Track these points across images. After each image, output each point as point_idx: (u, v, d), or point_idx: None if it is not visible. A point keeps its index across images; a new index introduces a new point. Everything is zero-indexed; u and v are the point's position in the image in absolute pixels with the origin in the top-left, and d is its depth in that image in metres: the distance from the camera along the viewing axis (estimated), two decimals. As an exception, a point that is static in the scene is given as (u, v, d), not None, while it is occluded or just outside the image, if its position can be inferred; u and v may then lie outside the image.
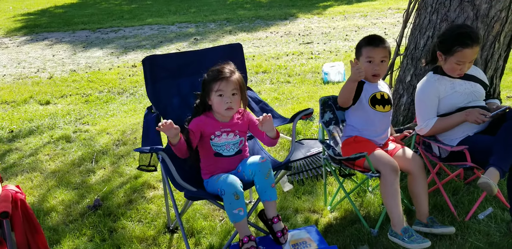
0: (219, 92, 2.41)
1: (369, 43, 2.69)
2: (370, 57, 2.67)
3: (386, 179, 2.51)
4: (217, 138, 2.49)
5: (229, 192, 2.25)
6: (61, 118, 5.08)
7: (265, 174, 2.36)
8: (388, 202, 2.52)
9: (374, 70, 2.69)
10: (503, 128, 2.51)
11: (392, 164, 2.53)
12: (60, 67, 7.69)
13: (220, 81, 2.40)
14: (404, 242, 2.42)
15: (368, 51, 2.67)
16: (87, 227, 2.91)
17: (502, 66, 3.50)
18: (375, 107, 2.73)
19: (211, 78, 2.43)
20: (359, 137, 2.77)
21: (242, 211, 2.27)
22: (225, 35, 9.60)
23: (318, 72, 6.51)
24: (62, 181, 3.55)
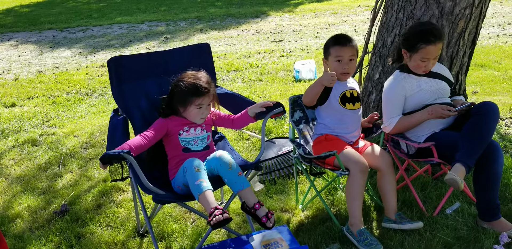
0: (199, 106, 2.50)
1: (337, 42, 2.68)
2: (339, 57, 2.67)
3: (354, 178, 2.53)
4: (185, 132, 2.53)
5: (190, 166, 2.26)
6: (27, 121, 4.95)
7: (227, 165, 2.33)
8: (350, 201, 2.57)
9: (344, 69, 2.69)
10: (468, 124, 2.55)
11: (361, 164, 2.54)
12: (26, 68, 7.49)
13: (203, 97, 2.48)
14: (358, 243, 2.50)
15: (336, 51, 2.67)
16: (54, 234, 2.84)
17: (467, 63, 3.56)
18: (345, 106, 2.74)
19: (192, 92, 2.46)
20: (330, 135, 2.78)
21: (204, 182, 2.23)
22: (196, 33, 9.52)
23: (290, 70, 6.52)
24: (28, 186, 3.45)
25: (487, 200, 2.57)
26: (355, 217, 2.56)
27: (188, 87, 2.46)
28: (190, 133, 2.54)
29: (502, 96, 4.83)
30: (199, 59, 2.79)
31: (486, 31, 8.30)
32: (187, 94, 2.46)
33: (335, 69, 2.69)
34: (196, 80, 2.48)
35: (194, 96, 2.46)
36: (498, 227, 2.57)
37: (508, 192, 2.94)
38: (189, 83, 2.47)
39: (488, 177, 2.53)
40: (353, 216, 2.56)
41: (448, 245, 2.50)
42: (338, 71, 2.69)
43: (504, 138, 3.72)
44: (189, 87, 2.46)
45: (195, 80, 2.48)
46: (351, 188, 2.54)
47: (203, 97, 2.48)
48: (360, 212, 2.56)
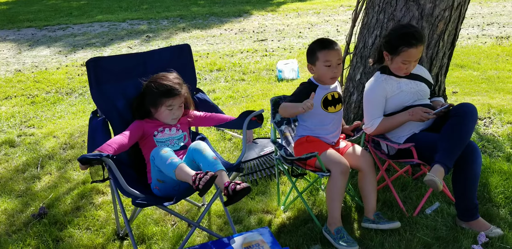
0: (170, 107, 2.50)
1: (324, 46, 2.64)
2: (328, 61, 2.63)
3: (335, 179, 2.54)
4: (160, 133, 2.54)
5: (156, 153, 2.28)
6: (5, 121, 4.86)
7: (201, 149, 2.36)
8: (330, 202, 2.59)
9: (334, 73, 2.66)
10: (447, 125, 2.57)
11: (343, 165, 2.55)
12: (4, 67, 7.36)
13: (173, 98, 2.48)
14: (334, 241, 2.53)
15: (325, 55, 2.62)
16: (32, 237, 2.78)
17: (447, 64, 3.60)
18: (327, 109, 2.74)
19: (162, 93, 2.46)
20: (311, 136, 2.78)
21: (175, 158, 2.25)
22: (179, 32, 9.46)
23: (273, 70, 6.52)
24: (5, 189, 3.38)
25: (465, 200, 2.60)
26: (334, 217, 2.58)
27: (158, 88, 2.46)
28: (165, 134, 2.55)
29: (481, 96, 4.90)
30: (179, 60, 2.76)
31: (465, 31, 8.41)
32: (157, 95, 2.46)
33: (324, 74, 2.67)
34: (166, 81, 2.48)
35: (164, 97, 2.46)
36: (476, 227, 2.60)
37: (487, 192, 2.98)
38: (159, 84, 2.47)
39: (467, 178, 2.56)
40: (332, 216, 2.59)
41: (428, 245, 2.53)
42: (327, 76, 2.67)
43: (483, 138, 3.77)
44: (159, 88, 2.46)
45: (165, 81, 2.48)
46: (332, 189, 2.56)
47: (174, 98, 2.48)
48: (339, 212, 2.58)
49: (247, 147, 3.71)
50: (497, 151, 3.55)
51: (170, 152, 2.30)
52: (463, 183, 2.57)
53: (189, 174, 2.17)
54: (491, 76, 5.74)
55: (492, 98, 4.76)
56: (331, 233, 2.56)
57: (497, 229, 2.59)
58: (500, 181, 3.07)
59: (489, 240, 2.52)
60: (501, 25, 8.88)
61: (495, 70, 5.99)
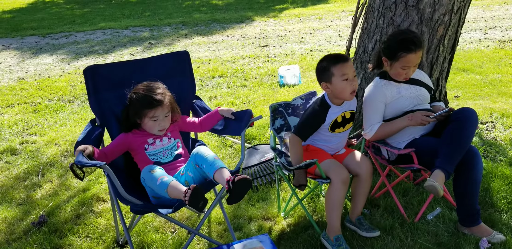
0: (154, 118, 2.42)
1: (337, 60, 2.54)
2: (345, 75, 2.51)
3: (335, 188, 2.53)
4: (151, 146, 2.48)
5: (145, 172, 2.24)
6: (7, 129, 4.87)
7: (202, 152, 2.33)
8: (330, 210, 2.56)
9: (353, 86, 2.54)
10: (447, 130, 2.56)
11: (343, 174, 2.53)
12: (7, 75, 7.40)
13: (155, 109, 2.39)
14: (332, 248, 2.52)
15: (340, 69, 2.51)
16: (31, 246, 2.78)
17: (447, 68, 3.59)
18: (335, 131, 2.72)
19: (144, 105, 2.38)
20: (312, 146, 2.77)
21: (165, 177, 2.21)
22: (181, 39, 9.49)
23: (274, 76, 6.52)
24: (6, 197, 3.38)
25: (467, 205, 2.57)
26: (333, 225, 2.56)
27: (141, 99, 2.38)
28: (156, 145, 2.48)
29: (483, 100, 4.87)
30: (177, 67, 2.77)
31: (467, 35, 8.40)
32: (140, 106, 2.38)
33: (343, 89, 2.54)
34: (148, 91, 2.39)
35: (146, 108, 2.38)
36: (478, 233, 2.58)
37: (489, 197, 2.95)
38: (141, 95, 2.39)
39: (468, 183, 2.54)
40: (331, 224, 2.56)
41: (429, 252, 2.51)
42: (347, 90, 2.54)
43: (485, 142, 3.75)
44: (141, 99, 2.38)
45: (147, 91, 2.39)
46: (332, 197, 2.54)
47: (156, 109, 2.39)
48: (338, 221, 2.56)
49: (247, 153, 3.72)
50: (499, 156, 3.53)
51: (159, 171, 2.25)
52: (464, 188, 2.55)
53: (181, 191, 2.16)
54: (493, 80, 5.71)
55: (495, 103, 4.73)
56: (330, 240, 2.55)
57: (499, 235, 2.56)
58: (503, 186, 3.05)
59: (491, 246, 2.49)
60: (503, 28, 8.85)
61: (497, 74, 5.97)
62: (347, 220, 2.78)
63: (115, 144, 2.44)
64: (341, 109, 2.68)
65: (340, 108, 2.68)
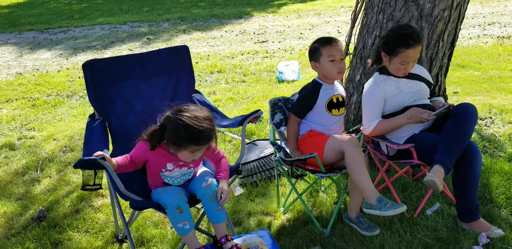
0: (194, 153, 2.20)
1: (327, 42, 2.69)
2: (332, 56, 2.67)
3: (351, 154, 2.50)
4: (169, 171, 2.31)
5: (171, 206, 2.16)
6: (6, 124, 4.86)
7: (209, 197, 2.28)
8: (358, 176, 2.47)
9: (339, 68, 2.69)
10: (447, 125, 2.56)
11: (353, 140, 2.55)
12: (5, 70, 7.37)
13: (197, 145, 2.16)
14: (381, 211, 2.40)
15: (328, 50, 2.67)
16: (30, 240, 2.78)
17: (447, 64, 3.59)
18: (332, 112, 2.74)
19: (191, 139, 2.11)
20: (314, 130, 2.77)
21: (188, 224, 2.19)
22: (179, 34, 9.47)
23: (273, 71, 6.51)
24: (4, 192, 3.38)
25: (466, 201, 2.58)
26: (368, 189, 2.46)
27: (187, 132, 2.09)
28: (174, 172, 2.31)
29: (482, 96, 4.87)
30: (177, 62, 2.76)
31: (466, 31, 8.39)
32: (183, 139, 2.11)
33: (329, 70, 2.69)
34: (197, 124, 2.09)
35: (191, 144, 2.13)
36: (477, 228, 2.59)
37: (488, 193, 2.96)
38: (189, 128, 2.08)
39: (467, 178, 2.54)
40: (366, 189, 2.46)
41: (428, 247, 2.51)
42: (334, 71, 2.70)
43: (484, 138, 3.75)
44: (188, 133, 2.09)
45: (196, 124, 2.09)
46: (353, 164, 2.48)
47: (198, 145, 2.16)
48: (371, 183, 2.47)
49: (246, 148, 3.72)
50: (498, 151, 3.53)
51: (185, 212, 2.18)
52: (463, 183, 2.55)
53: (193, 247, 2.22)
54: (492, 76, 5.71)
55: (494, 98, 4.74)
56: (373, 205, 2.42)
57: (498, 230, 2.57)
58: (501, 182, 3.05)
59: (490, 241, 2.50)
60: (502, 25, 8.84)
61: (496, 70, 5.97)
62: (346, 217, 2.78)
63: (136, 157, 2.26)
64: (332, 89, 2.77)
65: (331, 88, 2.78)
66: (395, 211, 2.36)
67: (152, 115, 2.71)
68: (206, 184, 2.29)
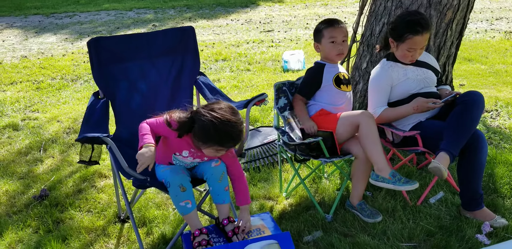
0: (218, 152, 2.18)
1: (329, 24, 2.72)
2: (333, 38, 2.69)
3: (365, 125, 2.51)
4: (182, 157, 2.30)
5: (174, 184, 2.15)
6: (10, 105, 4.86)
7: (218, 177, 2.28)
8: (371, 148, 2.49)
9: (339, 50, 2.71)
10: (453, 113, 2.53)
11: (367, 112, 2.57)
12: (11, 53, 7.36)
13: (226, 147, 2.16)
14: (395, 185, 2.42)
15: (330, 32, 2.69)
16: (32, 218, 2.78)
17: (454, 54, 3.55)
18: (340, 87, 2.76)
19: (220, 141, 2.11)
20: (324, 110, 2.76)
21: (190, 203, 2.18)
22: (185, 22, 9.42)
23: (278, 60, 6.48)
24: (7, 171, 3.38)
25: (470, 189, 2.56)
26: (380, 162, 2.47)
27: (219, 134, 2.08)
28: (187, 159, 2.30)
29: (488, 89, 4.84)
30: (182, 43, 2.73)
31: (474, 25, 8.33)
32: (211, 139, 2.10)
33: (329, 51, 2.72)
34: (229, 129, 2.08)
35: (219, 145, 2.13)
36: (481, 217, 2.57)
37: (492, 183, 2.95)
38: (222, 130, 2.07)
39: (472, 166, 2.52)
40: (379, 161, 2.48)
41: (431, 234, 2.50)
42: (333, 52, 2.72)
43: (490, 130, 3.73)
44: (220, 135, 2.08)
45: (228, 128, 2.07)
46: (368, 135, 2.49)
47: (227, 148, 2.17)
48: (383, 156, 2.48)
49: (250, 134, 3.70)
50: (503, 143, 3.51)
51: (188, 191, 2.18)
52: (468, 171, 2.53)
53: (193, 226, 2.22)
54: (499, 70, 5.67)
55: (500, 91, 4.71)
56: (387, 178, 2.44)
57: (502, 219, 2.55)
58: (506, 172, 3.04)
59: (494, 230, 2.49)
60: (510, 20, 8.77)
61: (503, 65, 5.93)
62: (348, 205, 2.77)
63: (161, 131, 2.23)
64: (336, 67, 2.80)
65: (335, 66, 2.80)
66: (411, 187, 2.38)
67: (156, 96, 2.70)
68: (216, 164, 2.28)
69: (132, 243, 2.53)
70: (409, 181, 2.41)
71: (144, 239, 2.56)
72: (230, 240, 2.27)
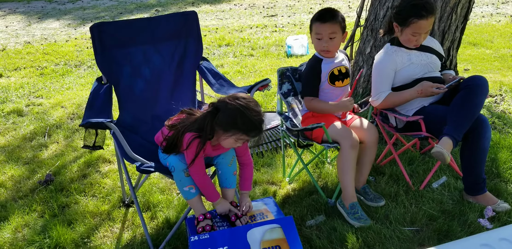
0: (238, 141, 2.15)
1: (318, 18, 2.58)
2: (318, 34, 2.58)
3: (345, 153, 2.52)
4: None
5: (179, 169, 2.16)
6: (14, 91, 4.87)
7: (228, 162, 2.30)
8: (342, 176, 2.56)
9: (323, 47, 2.61)
10: (457, 98, 2.52)
11: (352, 139, 2.52)
12: (14, 39, 7.34)
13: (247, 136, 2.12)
14: (348, 216, 2.53)
15: (316, 28, 2.58)
16: (38, 203, 2.81)
17: (459, 38, 3.52)
18: (335, 84, 2.70)
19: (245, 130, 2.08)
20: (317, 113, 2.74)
21: (194, 188, 2.20)
22: (188, 6, 9.35)
23: (282, 46, 6.45)
24: (12, 156, 3.41)
25: (473, 174, 2.57)
26: (348, 191, 2.56)
27: (243, 121, 2.06)
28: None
29: (493, 74, 4.81)
30: (185, 27, 2.72)
31: (479, 10, 8.23)
32: (235, 126, 2.08)
33: (315, 46, 2.65)
34: (254, 118, 2.07)
35: (242, 132, 2.09)
36: (483, 201, 2.58)
37: (495, 167, 2.95)
38: (247, 120, 2.06)
39: (475, 151, 2.52)
40: (346, 191, 2.56)
41: (433, 218, 2.51)
42: (317, 48, 2.66)
43: (494, 115, 3.72)
44: (243, 121, 2.06)
45: (254, 117, 2.07)
46: (343, 163, 2.53)
47: (248, 136, 2.14)
48: (352, 186, 2.56)
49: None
50: (507, 128, 3.50)
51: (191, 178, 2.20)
52: (471, 156, 2.53)
53: (197, 211, 2.24)
54: (504, 55, 5.63)
55: (505, 76, 4.67)
56: (345, 207, 2.55)
57: (505, 204, 2.56)
58: (509, 157, 3.03)
59: (496, 214, 2.50)
60: (517, 3, 8.67)
61: (508, 49, 5.88)
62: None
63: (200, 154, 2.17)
64: (333, 63, 2.70)
65: (332, 61, 2.70)
66: (359, 224, 2.46)
67: (160, 81, 2.70)
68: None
69: (136, 227, 2.56)
70: (362, 219, 2.49)
71: (148, 223, 2.59)
72: (233, 224, 2.29)
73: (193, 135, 2.12)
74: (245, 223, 2.27)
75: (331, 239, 2.36)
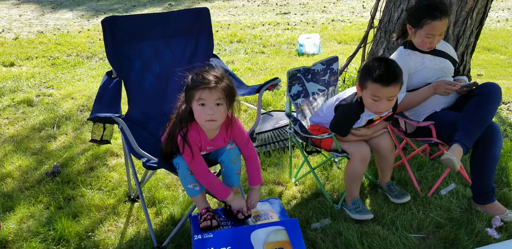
0: (201, 101, 2.06)
1: (379, 80, 2.28)
2: (376, 97, 2.32)
3: (354, 165, 2.51)
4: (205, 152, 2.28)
5: (183, 166, 2.16)
6: (25, 81, 4.88)
7: (232, 160, 2.29)
8: (348, 183, 2.59)
9: (379, 109, 2.36)
10: (469, 104, 2.49)
11: (363, 151, 2.48)
12: (27, 28, 7.37)
13: (202, 90, 2.04)
14: (350, 212, 2.56)
15: (374, 90, 2.30)
16: (44, 194, 2.82)
17: (474, 43, 3.48)
18: (369, 126, 2.60)
19: (194, 84, 2.06)
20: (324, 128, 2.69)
21: (198, 186, 2.20)
22: (201, 2, 9.34)
23: (294, 44, 6.42)
24: (21, 146, 3.42)
25: (482, 182, 2.53)
26: (352, 196, 2.60)
27: (192, 78, 2.07)
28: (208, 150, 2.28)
29: (507, 80, 4.75)
30: (197, 24, 2.70)
31: (495, 14, 8.14)
32: (190, 87, 2.07)
33: (368, 106, 2.41)
34: (202, 72, 2.09)
35: (194, 88, 2.04)
36: (492, 210, 2.55)
37: (505, 176, 2.91)
38: (194, 74, 2.09)
39: (485, 159, 2.49)
40: (351, 195, 2.60)
41: (440, 226, 2.49)
42: (371, 109, 2.42)
43: (505, 122, 3.67)
44: (192, 79, 2.07)
45: (201, 71, 2.09)
46: (351, 174, 2.55)
47: (204, 90, 2.04)
48: (357, 191, 2.60)
49: (262, 118, 3.69)
50: (518, 136, 3.46)
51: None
52: (481, 164, 2.50)
53: (201, 206, 2.24)
54: (519, 61, 5.56)
55: (518, 83, 4.62)
56: (348, 205, 2.58)
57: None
58: (520, 166, 3.00)
59: (504, 224, 2.47)
60: (534, 9, 8.56)
61: (523, 55, 5.81)
62: (378, 186, 2.82)
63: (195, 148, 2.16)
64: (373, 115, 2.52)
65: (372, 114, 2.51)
66: (361, 217, 2.51)
67: (169, 77, 2.69)
68: (231, 146, 2.28)
69: (141, 223, 2.56)
70: (362, 212, 2.52)
71: (153, 219, 2.59)
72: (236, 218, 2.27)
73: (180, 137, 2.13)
74: (247, 215, 2.26)
75: (335, 243, 2.35)
